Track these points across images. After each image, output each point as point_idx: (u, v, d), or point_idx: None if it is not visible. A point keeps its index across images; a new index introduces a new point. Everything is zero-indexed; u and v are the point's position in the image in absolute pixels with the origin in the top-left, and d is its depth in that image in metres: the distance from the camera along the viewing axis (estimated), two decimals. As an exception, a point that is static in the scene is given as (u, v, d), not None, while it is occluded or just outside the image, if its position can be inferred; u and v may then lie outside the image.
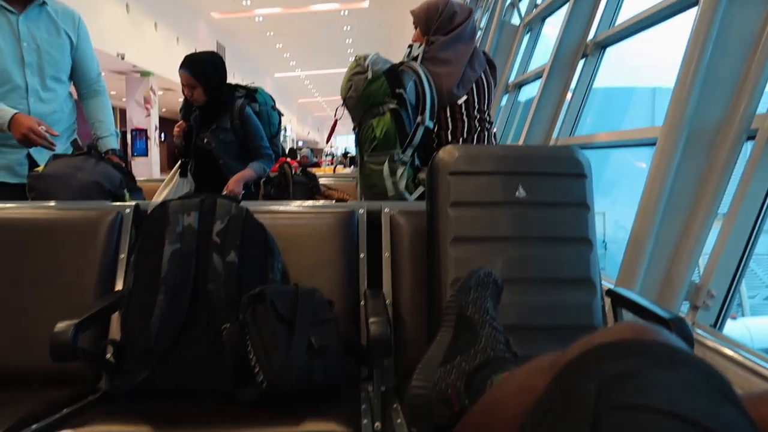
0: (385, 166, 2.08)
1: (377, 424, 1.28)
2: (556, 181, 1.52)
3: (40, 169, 1.99)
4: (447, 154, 1.51)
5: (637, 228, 1.97)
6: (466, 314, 1.01)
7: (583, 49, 3.53)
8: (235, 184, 2.49)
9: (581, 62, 3.54)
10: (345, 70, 2.21)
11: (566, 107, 3.63)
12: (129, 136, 12.54)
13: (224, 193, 2.44)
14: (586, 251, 1.45)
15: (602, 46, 3.40)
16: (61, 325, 1.26)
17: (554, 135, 3.67)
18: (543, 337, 1.37)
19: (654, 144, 2.01)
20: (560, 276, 1.44)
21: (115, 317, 1.49)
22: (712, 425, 0.44)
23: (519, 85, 5.30)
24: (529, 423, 0.54)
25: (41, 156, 2.10)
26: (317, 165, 9.33)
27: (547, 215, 1.49)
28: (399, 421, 1.25)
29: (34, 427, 1.24)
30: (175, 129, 2.69)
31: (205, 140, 2.55)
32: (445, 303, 1.07)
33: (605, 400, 0.47)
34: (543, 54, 4.69)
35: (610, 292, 1.51)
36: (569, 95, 3.63)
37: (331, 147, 22.01)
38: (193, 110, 2.60)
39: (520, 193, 1.48)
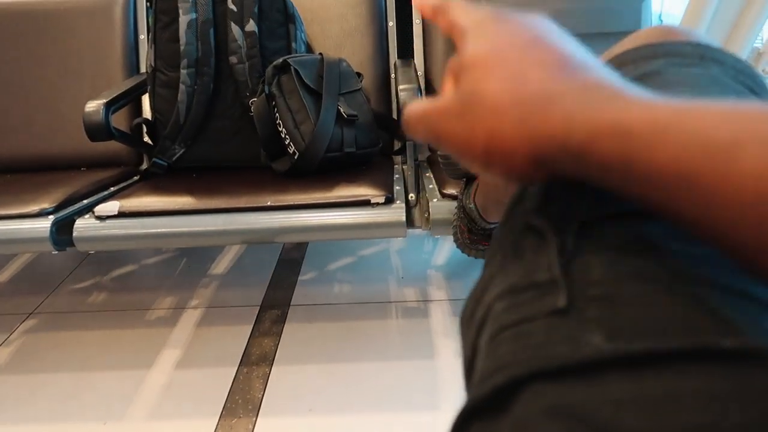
0: None
1: (411, 194, 1.28)
2: None
3: None
4: None
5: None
6: None
7: None
8: None
9: None
10: None
11: None
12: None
13: None
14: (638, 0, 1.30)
15: None
16: (91, 104, 1.27)
17: None
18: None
19: None
20: (607, 29, 1.31)
21: (146, 99, 1.48)
22: None
23: None
24: None
25: None
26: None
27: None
28: (431, 186, 1.26)
29: (85, 201, 1.31)
30: None
31: None
32: None
33: None
34: None
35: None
36: None
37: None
38: None
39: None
